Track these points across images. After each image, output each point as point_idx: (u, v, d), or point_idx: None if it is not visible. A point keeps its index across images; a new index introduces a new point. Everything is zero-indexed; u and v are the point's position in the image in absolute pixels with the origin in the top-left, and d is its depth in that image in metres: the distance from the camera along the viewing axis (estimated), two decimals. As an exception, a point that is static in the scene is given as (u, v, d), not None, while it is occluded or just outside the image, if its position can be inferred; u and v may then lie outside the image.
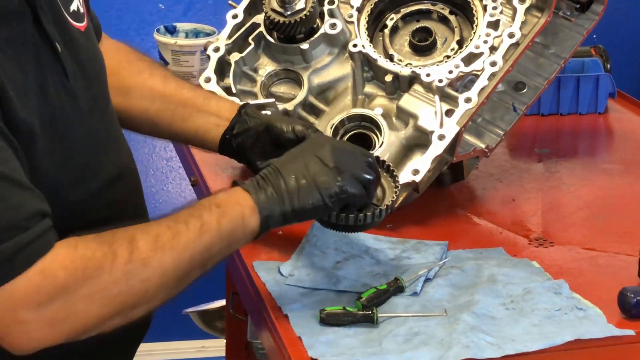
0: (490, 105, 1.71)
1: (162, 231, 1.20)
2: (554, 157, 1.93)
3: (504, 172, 1.85)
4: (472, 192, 1.77)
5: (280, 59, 1.77)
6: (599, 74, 2.14)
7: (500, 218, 1.67)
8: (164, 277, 1.20)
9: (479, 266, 1.45)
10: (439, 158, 1.60)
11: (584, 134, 2.12)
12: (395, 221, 1.61)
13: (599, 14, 1.79)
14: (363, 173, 1.31)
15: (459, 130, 1.60)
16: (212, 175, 1.81)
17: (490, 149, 1.69)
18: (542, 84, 1.75)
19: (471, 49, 1.67)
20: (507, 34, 1.67)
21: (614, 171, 1.87)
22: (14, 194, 1.14)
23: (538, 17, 1.70)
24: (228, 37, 1.79)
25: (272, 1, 1.72)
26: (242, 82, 1.78)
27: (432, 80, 1.65)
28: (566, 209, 1.73)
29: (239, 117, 1.56)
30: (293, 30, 1.72)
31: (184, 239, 1.20)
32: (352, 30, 1.75)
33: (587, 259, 1.52)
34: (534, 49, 1.76)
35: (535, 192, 1.78)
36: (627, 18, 3.26)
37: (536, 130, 2.10)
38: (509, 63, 1.65)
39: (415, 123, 1.65)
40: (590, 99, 2.15)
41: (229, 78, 1.75)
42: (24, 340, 1.14)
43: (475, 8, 1.72)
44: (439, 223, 1.64)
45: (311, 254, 1.49)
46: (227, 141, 1.57)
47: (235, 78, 1.76)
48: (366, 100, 1.74)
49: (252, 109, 1.57)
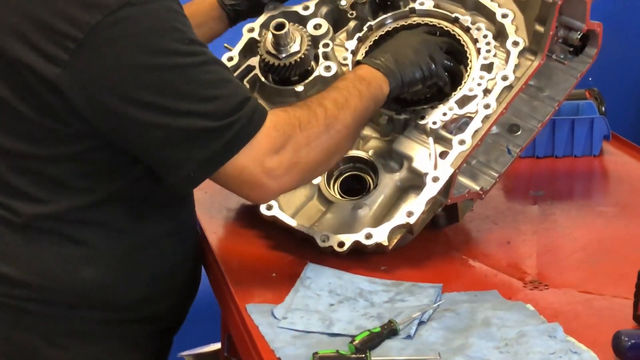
0: (484, 148, 1.71)
1: (336, 97, 1.53)
2: (549, 199, 1.93)
3: (499, 214, 1.85)
4: (467, 234, 1.77)
5: (275, 100, 1.78)
6: (594, 116, 2.15)
7: (495, 260, 1.66)
8: (348, 129, 1.53)
9: (473, 309, 1.44)
10: (433, 200, 1.60)
11: (579, 176, 2.12)
12: (389, 263, 1.61)
13: (592, 57, 1.79)
14: (446, 60, 1.69)
15: (453, 172, 1.60)
16: (207, 217, 1.81)
17: (485, 191, 1.69)
18: (536, 126, 1.75)
19: (465, 92, 1.68)
20: (500, 77, 1.68)
21: (609, 214, 1.87)
22: (234, 78, 1.48)
23: (531, 60, 1.71)
24: (223, 80, 1.80)
25: (267, 44, 1.73)
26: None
27: (427, 122, 1.66)
28: (561, 251, 1.73)
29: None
30: (288, 73, 1.73)
31: (352, 102, 1.54)
32: (347, 72, 1.76)
33: (582, 301, 1.51)
34: (528, 92, 1.76)
35: (530, 234, 1.77)
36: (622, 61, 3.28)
37: (531, 173, 2.11)
38: (503, 105, 1.66)
39: (410, 165, 1.66)
40: (585, 142, 2.16)
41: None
42: (274, 185, 1.46)
43: (468, 51, 1.73)
44: (433, 265, 1.64)
45: (305, 297, 1.49)
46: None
47: (230, 120, 1.76)
48: (361, 142, 1.74)
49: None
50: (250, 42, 1.84)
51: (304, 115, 1.48)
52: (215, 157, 1.41)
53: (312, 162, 1.50)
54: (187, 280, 1.68)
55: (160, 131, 1.39)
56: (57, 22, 1.36)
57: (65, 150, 1.44)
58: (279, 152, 1.45)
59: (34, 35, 1.38)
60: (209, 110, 1.40)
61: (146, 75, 1.37)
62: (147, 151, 1.43)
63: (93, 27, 1.35)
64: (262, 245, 1.71)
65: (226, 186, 1.47)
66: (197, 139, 1.40)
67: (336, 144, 1.53)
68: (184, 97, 1.39)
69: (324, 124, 1.50)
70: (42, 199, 1.47)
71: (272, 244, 1.70)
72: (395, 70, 1.61)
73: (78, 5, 1.35)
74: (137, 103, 1.37)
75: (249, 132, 1.42)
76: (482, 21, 1.77)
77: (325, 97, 1.54)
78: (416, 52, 1.64)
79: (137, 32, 1.37)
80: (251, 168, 1.43)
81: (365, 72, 1.60)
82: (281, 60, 1.72)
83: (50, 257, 1.49)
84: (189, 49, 1.40)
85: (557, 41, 1.76)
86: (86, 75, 1.37)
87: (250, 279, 1.59)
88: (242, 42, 1.85)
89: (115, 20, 1.35)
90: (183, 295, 1.69)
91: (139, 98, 1.37)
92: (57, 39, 1.36)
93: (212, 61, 1.43)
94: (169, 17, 1.39)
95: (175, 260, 1.62)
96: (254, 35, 1.84)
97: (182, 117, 1.38)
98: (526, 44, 1.72)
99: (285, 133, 1.45)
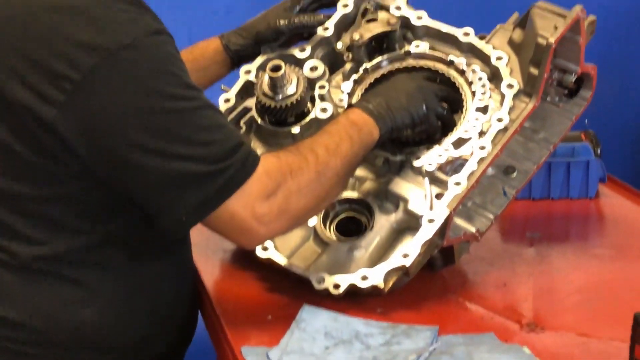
0: (480, 189, 1.71)
1: (328, 142, 1.55)
2: (546, 241, 1.93)
3: (495, 256, 1.85)
4: (463, 276, 1.76)
5: (271, 142, 1.78)
6: (589, 158, 2.16)
7: (491, 303, 1.66)
8: (338, 175, 1.55)
9: (469, 352, 1.43)
10: (429, 242, 1.60)
11: (575, 218, 2.12)
12: (385, 305, 1.60)
13: (587, 100, 1.80)
14: (439, 108, 1.69)
15: (449, 214, 1.60)
16: (203, 258, 1.81)
17: (481, 233, 1.69)
18: (531, 168, 1.76)
19: (460, 134, 1.68)
20: (495, 119, 1.69)
21: (606, 256, 1.86)
22: (228, 123, 1.51)
23: (526, 102, 1.72)
24: (220, 121, 1.80)
25: (264, 85, 1.74)
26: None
27: (422, 164, 1.66)
28: (558, 294, 1.72)
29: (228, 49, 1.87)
30: (284, 114, 1.74)
31: (343, 148, 1.55)
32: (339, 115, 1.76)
33: (578, 344, 1.50)
34: (523, 134, 1.77)
35: (526, 276, 1.77)
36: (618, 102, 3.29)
37: (527, 215, 2.10)
38: (498, 147, 1.67)
39: (406, 206, 1.66)
40: (581, 184, 2.16)
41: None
42: (263, 230, 1.46)
43: (464, 93, 1.74)
44: (429, 307, 1.63)
45: (300, 339, 1.48)
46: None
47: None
48: (357, 183, 1.74)
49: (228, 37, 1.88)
50: (247, 84, 1.85)
51: (296, 162, 1.50)
52: (208, 202, 1.42)
53: (302, 208, 1.51)
54: (184, 321, 1.68)
55: (153, 174, 1.39)
56: (55, 63, 1.37)
57: (62, 190, 1.44)
58: (270, 199, 1.45)
59: (32, 76, 1.38)
60: (203, 155, 1.40)
61: (141, 117, 1.38)
62: (140, 193, 1.43)
63: (91, 69, 1.36)
64: (257, 286, 1.70)
65: (215, 230, 1.48)
66: (190, 183, 1.40)
67: (326, 191, 1.54)
68: (178, 140, 1.39)
69: (315, 170, 1.51)
70: (39, 240, 1.47)
71: (268, 286, 1.70)
72: (386, 116, 1.62)
73: (77, 47, 1.36)
74: (131, 145, 1.38)
75: (241, 177, 1.43)
76: (477, 63, 1.78)
77: (316, 142, 1.55)
78: (409, 98, 1.65)
79: (135, 75, 1.38)
80: (242, 213, 1.44)
81: (356, 117, 1.61)
82: (277, 102, 1.73)
83: (49, 298, 1.48)
84: (185, 93, 1.41)
85: (552, 84, 1.77)
86: (82, 116, 1.37)
87: (245, 320, 1.58)
88: (238, 83, 1.86)
89: (114, 63, 1.36)
90: (181, 336, 1.69)
91: (134, 140, 1.38)
92: (54, 79, 1.37)
93: (207, 106, 1.44)
94: (166, 61, 1.41)
95: (173, 301, 1.61)
96: (250, 77, 1.85)
97: (175, 161, 1.39)
98: (521, 87, 1.73)
99: (276, 179, 1.46)
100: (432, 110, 1.67)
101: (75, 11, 1.39)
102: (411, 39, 1.85)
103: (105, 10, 1.39)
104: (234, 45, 1.87)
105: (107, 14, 1.39)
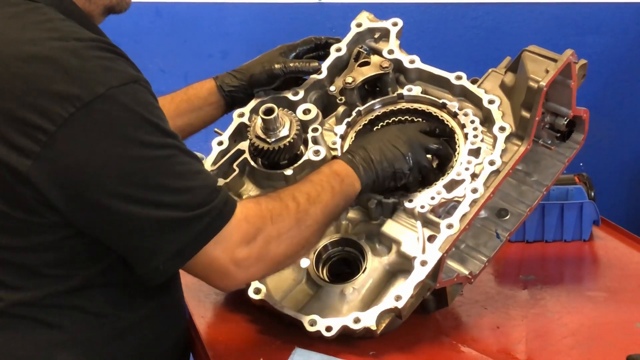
0: (473, 232, 1.72)
1: (309, 190, 1.56)
2: (539, 284, 1.92)
3: (488, 298, 1.84)
4: (456, 318, 1.76)
5: (264, 184, 1.79)
6: (583, 201, 2.16)
7: (485, 345, 1.65)
8: (318, 224, 1.56)
9: (462, 395, 1.42)
10: (421, 284, 1.59)
11: (569, 261, 2.12)
12: (378, 348, 1.59)
13: (580, 143, 1.81)
14: (425, 163, 1.70)
15: (441, 256, 1.60)
16: (195, 301, 1.80)
17: (474, 275, 1.69)
18: (524, 211, 1.76)
19: (453, 176, 1.69)
20: (488, 162, 1.69)
21: (599, 299, 1.86)
22: (205, 170, 1.49)
23: (518, 145, 1.73)
24: (213, 164, 1.82)
25: (257, 128, 1.75)
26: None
27: (414, 206, 1.66)
28: (551, 336, 1.71)
29: (222, 91, 1.90)
30: (277, 157, 1.75)
31: (324, 197, 1.57)
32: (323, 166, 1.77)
33: (572, 387, 1.50)
34: (516, 176, 1.78)
35: (520, 319, 1.76)
36: (612, 146, 3.31)
37: (521, 257, 2.10)
38: (490, 190, 1.67)
39: (398, 249, 1.66)
40: (575, 227, 2.16)
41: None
42: (242, 275, 1.47)
43: (456, 136, 1.75)
44: (423, 350, 1.62)
45: (292, 382, 1.47)
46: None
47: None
48: (350, 226, 1.75)
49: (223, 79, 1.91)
50: (240, 126, 1.86)
51: (276, 208, 1.51)
52: (186, 249, 1.41)
53: (281, 254, 1.51)
54: None
55: (131, 222, 1.38)
56: (29, 115, 1.35)
57: (39, 240, 1.42)
58: (250, 244, 1.46)
59: (6, 129, 1.36)
60: (180, 202, 1.40)
61: (117, 166, 1.36)
62: (118, 241, 1.42)
63: (66, 120, 1.34)
64: (249, 329, 1.70)
65: (195, 274, 1.47)
66: (168, 230, 1.39)
67: (305, 238, 1.55)
68: (155, 188, 1.38)
69: (295, 218, 1.52)
70: (18, 286, 1.45)
71: (260, 328, 1.69)
72: (369, 170, 1.64)
73: (50, 98, 1.34)
74: (108, 193, 1.36)
75: (219, 223, 1.43)
76: (469, 107, 1.79)
77: (298, 190, 1.56)
78: (395, 153, 1.67)
79: (109, 123, 1.36)
80: (221, 258, 1.44)
81: (340, 168, 1.63)
82: (270, 145, 1.73)
83: (24, 342, 1.45)
84: (161, 141, 1.40)
85: (544, 127, 1.78)
86: (57, 167, 1.36)
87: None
88: (232, 126, 1.87)
89: (88, 113, 1.34)
90: None
91: (110, 189, 1.36)
92: (29, 131, 1.35)
93: (184, 152, 1.43)
94: (142, 109, 1.39)
95: (160, 347, 1.59)
96: (244, 120, 1.86)
97: (153, 208, 1.38)
98: (513, 130, 1.74)
99: (256, 225, 1.47)
100: (417, 164, 1.68)
101: (48, 61, 1.36)
102: (404, 82, 1.86)
103: (79, 59, 1.37)
104: (227, 87, 1.88)
105: (80, 63, 1.36)
